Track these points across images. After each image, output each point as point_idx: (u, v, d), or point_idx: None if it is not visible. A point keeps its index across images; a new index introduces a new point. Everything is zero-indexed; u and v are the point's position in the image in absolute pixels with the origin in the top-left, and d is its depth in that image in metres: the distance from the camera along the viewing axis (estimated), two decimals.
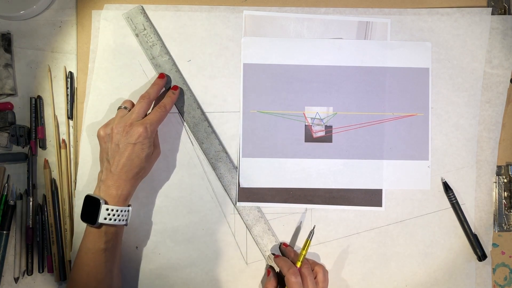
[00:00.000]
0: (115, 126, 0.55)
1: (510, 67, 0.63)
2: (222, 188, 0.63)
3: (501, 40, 0.63)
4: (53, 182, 0.63)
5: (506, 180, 0.63)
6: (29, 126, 0.63)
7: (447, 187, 0.62)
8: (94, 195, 0.54)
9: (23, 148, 0.64)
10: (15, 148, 0.64)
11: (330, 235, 0.63)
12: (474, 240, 0.62)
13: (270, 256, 0.62)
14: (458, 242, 0.63)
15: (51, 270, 0.62)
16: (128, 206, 0.56)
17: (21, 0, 0.62)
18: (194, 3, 0.63)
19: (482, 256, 0.62)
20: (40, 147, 0.63)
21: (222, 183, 0.62)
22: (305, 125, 0.63)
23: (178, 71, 0.63)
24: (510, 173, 0.63)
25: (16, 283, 0.62)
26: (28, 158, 0.63)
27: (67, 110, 0.63)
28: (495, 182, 0.63)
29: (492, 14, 0.63)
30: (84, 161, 0.62)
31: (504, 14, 0.64)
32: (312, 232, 0.59)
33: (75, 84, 0.63)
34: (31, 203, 0.62)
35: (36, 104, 0.63)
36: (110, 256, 0.55)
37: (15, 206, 0.62)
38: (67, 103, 0.63)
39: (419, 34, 0.63)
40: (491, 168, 0.63)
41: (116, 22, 0.63)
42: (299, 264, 0.56)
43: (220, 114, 0.63)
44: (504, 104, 0.63)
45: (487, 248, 0.62)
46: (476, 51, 0.63)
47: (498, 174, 0.63)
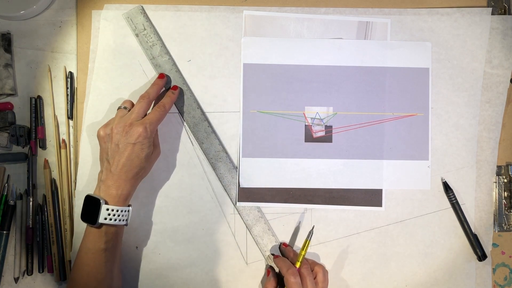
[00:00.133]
0: (115, 126, 0.55)
1: (510, 67, 0.63)
2: (222, 188, 0.63)
3: (501, 40, 0.63)
4: (53, 182, 0.63)
5: (506, 180, 0.63)
6: (29, 126, 0.63)
7: (447, 187, 0.62)
8: (94, 195, 0.54)
9: (23, 148, 0.64)
10: (15, 148, 0.64)
11: (330, 235, 0.63)
12: (474, 240, 0.62)
13: (270, 256, 0.62)
14: (458, 242, 0.63)
15: (51, 270, 0.62)
16: (128, 206, 0.56)
17: (21, 0, 0.62)
18: (194, 3, 0.63)
19: (482, 256, 0.62)
20: (40, 147, 0.63)
21: (222, 183, 0.62)
22: (305, 125, 0.63)
23: (178, 71, 0.63)
24: (510, 173, 0.63)
25: (16, 283, 0.62)
26: (28, 158, 0.63)
27: (67, 110, 0.63)
28: (495, 182, 0.63)
29: (492, 14, 0.63)
30: (84, 161, 0.62)
31: (504, 14, 0.63)
32: (311, 233, 0.59)
33: (75, 84, 0.63)
34: (31, 203, 0.62)
35: (36, 104, 0.63)
36: (110, 256, 0.55)
37: (15, 206, 0.62)
38: (67, 103, 0.63)
39: (419, 34, 0.63)
40: (491, 168, 0.63)
41: (116, 22, 0.63)
42: (298, 265, 0.56)
43: (220, 114, 0.63)
44: (504, 104, 0.63)
45: (487, 248, 0.62)
46: (476, 51, 0.63)
47: (498, 174, 0.63)
